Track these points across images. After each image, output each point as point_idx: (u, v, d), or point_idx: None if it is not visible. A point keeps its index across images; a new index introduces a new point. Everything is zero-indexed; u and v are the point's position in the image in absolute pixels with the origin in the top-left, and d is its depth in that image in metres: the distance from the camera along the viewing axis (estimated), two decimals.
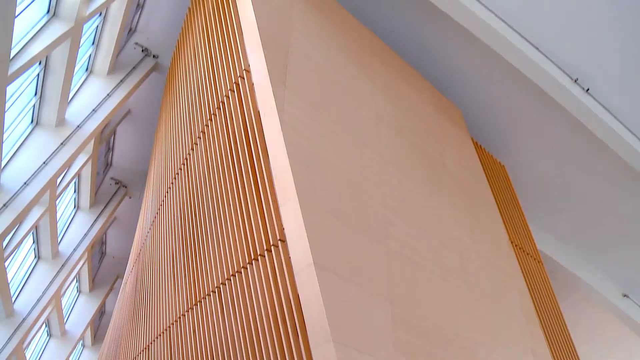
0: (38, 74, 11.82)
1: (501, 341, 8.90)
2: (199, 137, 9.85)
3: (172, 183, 11.76)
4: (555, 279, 13.56)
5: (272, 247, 7.13)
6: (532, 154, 14.13)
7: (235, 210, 8.31)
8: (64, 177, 14.44)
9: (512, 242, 11.01)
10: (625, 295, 16.10)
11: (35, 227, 14.30)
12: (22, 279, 15.06)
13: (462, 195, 10.33)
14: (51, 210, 13.94)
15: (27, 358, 16.71)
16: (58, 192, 14.04)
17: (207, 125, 9.60)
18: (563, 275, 15.78)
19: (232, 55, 9.25)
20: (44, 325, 18.23)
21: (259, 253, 7.36)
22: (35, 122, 12.80)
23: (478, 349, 8.09)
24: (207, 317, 8.39)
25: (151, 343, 10.37)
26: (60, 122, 13.08)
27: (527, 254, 11.51)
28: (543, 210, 14.96)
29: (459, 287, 8.56)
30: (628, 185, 13.65)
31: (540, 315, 10.63)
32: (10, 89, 10.18)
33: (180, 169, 10.82)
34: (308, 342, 6.32)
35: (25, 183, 11.86)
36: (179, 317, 9.30)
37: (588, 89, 11.51)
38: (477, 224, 10.30)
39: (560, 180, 14.52)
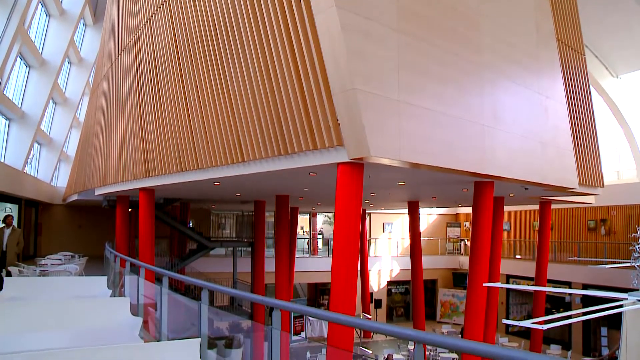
0: None
1: (506, 14, 8.76)
2: None
3: None
4: None
5: None
6: None
7: None
8: None
9: None
10: None
11: None
12: None
13: None
14: None
15: (32, 39, 16.85)
16: None
17: None
18: None
19: None
20: (40, 4, 17.83)
21: None
22: None
23: (482, 20, 8.00)
24: None
25: (152, 16, 10.27)
26: None
27: None
28: None
29: None
30: None
31: None
32: None
33: None
34: (311, 8, 6.19)
35: None
36: None
37: None
38: None
39: None
